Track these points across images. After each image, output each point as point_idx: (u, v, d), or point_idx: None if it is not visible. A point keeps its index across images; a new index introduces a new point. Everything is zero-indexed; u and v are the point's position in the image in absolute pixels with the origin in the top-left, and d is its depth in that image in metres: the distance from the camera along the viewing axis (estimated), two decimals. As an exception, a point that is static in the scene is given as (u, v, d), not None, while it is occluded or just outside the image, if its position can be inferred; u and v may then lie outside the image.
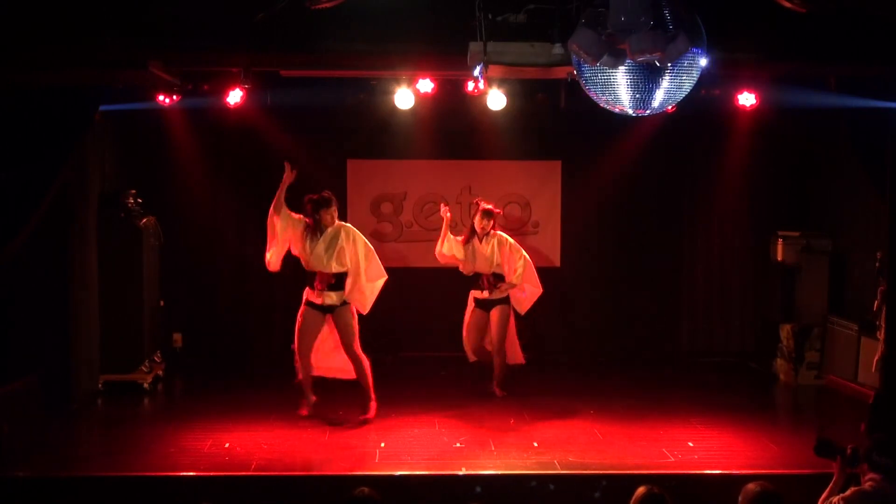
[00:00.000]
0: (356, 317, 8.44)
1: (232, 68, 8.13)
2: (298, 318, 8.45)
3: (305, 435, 8.07)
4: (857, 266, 10.27)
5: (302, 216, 8.37)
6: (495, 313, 9.27)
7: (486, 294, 9.24)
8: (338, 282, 8.33)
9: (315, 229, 8.35)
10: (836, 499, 5.09)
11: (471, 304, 9.38)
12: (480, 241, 9.24)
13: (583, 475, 7.05)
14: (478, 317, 9.35)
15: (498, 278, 9.24)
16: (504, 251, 9.21)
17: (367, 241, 8.51)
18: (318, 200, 8.34)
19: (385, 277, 8.52)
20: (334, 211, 8.37)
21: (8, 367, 7.88)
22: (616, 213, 11.58)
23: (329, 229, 8.36)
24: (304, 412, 8.48)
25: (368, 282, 8.40)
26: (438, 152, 11.37)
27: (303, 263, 8.44)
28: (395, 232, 11.61)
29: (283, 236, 8.32)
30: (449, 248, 9.24)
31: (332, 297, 8.35)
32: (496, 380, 9.42)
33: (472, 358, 9.50)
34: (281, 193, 8.30)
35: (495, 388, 9.40)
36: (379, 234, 11.59)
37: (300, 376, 8.47)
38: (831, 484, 5.31)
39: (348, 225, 8.54)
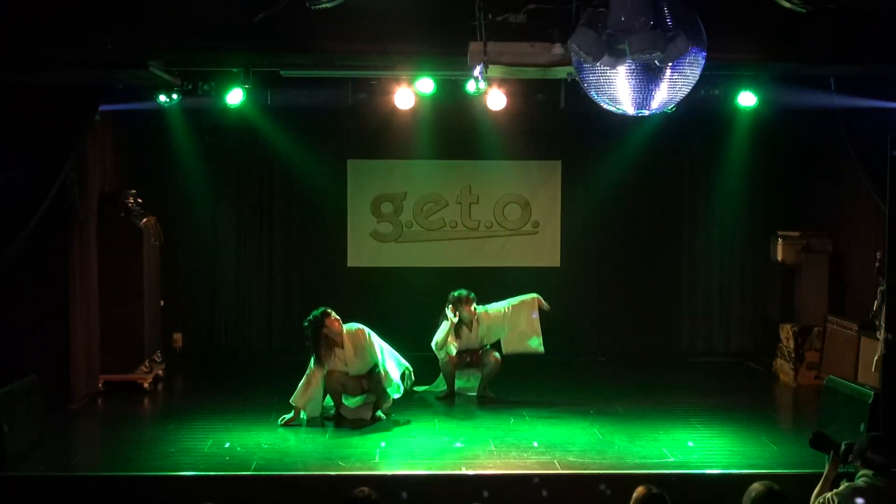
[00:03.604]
0: None
1: (232, 68, 8.13)
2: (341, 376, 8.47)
3: (305, 435, 8.07)
4: (857, 266, 10.27)
5: (321, 358, 8.36)
6: (488, 355, 9.34)
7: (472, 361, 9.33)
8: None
9: (332, 351, 8.35)
10: (829, 494, 5.17)
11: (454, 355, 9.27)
12: (471, 330, 9.23)
13: (583, 475, 7.06)
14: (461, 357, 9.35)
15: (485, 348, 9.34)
16: (492, 327, 9.29)
17: (377, 343, 8.44)
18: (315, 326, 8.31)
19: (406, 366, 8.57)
20: (332, 323, 8.30)
21: (8, 367, 7.86)
22: (616, 213, 11.58)
23: (347, 345, 8.36)
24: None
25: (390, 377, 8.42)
26: (438, 152, 11.37)
27: None
28: (396, 232, 11.61)
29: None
30: (454, 349, 9.17)
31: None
32: (489, 384, 9.41)
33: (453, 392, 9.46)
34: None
35: (488, 393, 9.38)
36: (379, 234, 11.60)
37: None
38: (823, 478, 5.40)
39: (355, 331, 8.46)
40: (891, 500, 5.06)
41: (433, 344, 9.24)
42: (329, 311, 8.39)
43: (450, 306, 9.17)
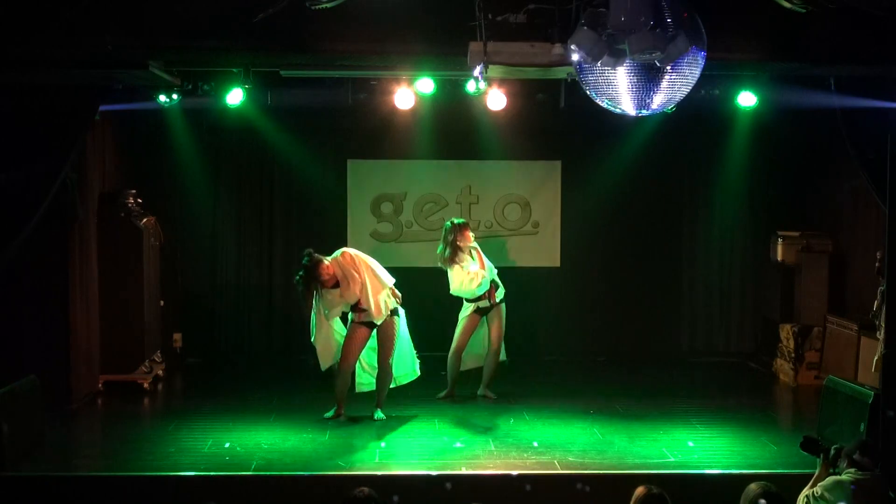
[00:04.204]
0: (396, 331, 8.49)
1: (232, 68, 8.13)
2: (352, 336, 8.41)
3: (305, 435, 8.07)
4: (857, 266, 10.27)
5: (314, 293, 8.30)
6: (497, 313, 9.24)
7: (490, 301, 9.17)
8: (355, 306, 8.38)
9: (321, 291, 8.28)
10: (811, 490, 5.39)
11: (472, 317, 9.21)
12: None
13: (582, 475, 7.06)
14: (474, 323, 9.23)
15: (495, 283, 9.21)
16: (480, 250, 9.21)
17: (360, 261, 8.35)
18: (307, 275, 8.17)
19: (392, 283, 8.51)
20: (323, 271, 8.16)
21: (8, 367, 7.86)
22: (616, 213, 11.58)
23: (337, 273, 8.23)
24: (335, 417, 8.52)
25: (374, 295, 8.34)
26: (438, 152, 11.37)
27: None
28: (395, 232, 11.61)
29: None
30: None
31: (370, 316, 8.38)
32: (490, 383, 9.39)
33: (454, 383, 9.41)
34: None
35: (488, 393, 9.37)
36: (379, 234, 11.60)
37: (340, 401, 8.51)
38: (813, 479, 5.55)
39: (339, 258, 8.32)
40: (875, 494, 5.27)
41: (469, 291, 8.98)
42: (317, 258, 8.16)
43: (455, 237, 8.94)
